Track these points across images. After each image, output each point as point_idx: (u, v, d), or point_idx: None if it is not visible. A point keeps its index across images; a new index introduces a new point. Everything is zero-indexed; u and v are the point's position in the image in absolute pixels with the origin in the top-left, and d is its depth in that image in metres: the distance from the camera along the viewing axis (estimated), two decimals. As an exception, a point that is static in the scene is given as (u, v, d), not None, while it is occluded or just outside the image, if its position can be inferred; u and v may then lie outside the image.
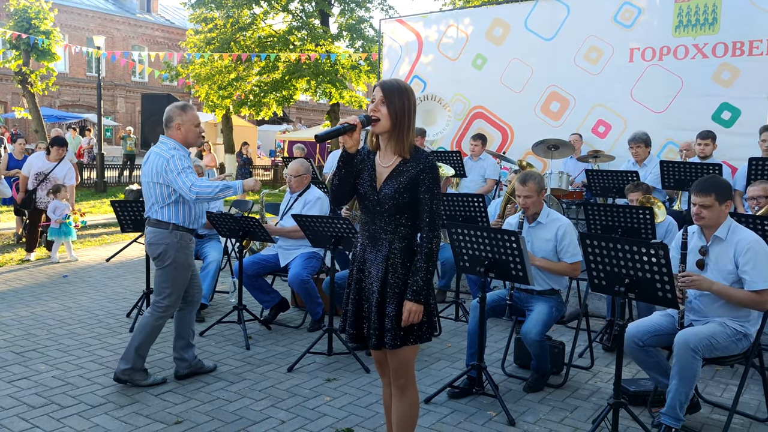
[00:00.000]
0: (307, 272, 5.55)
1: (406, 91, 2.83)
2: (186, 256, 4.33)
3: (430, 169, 2.81)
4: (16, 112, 19.72)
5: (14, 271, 7.90)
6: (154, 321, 4.32)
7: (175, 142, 4.26)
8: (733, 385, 4.50)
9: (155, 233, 4.26)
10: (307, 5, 23.40)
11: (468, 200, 5.73)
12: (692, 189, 3.79)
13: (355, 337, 2.99)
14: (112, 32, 36.63)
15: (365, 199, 2.92)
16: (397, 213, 2.84)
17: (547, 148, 8.01)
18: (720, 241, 3.75)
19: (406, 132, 2.82)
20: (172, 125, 4.25)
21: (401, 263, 2.84)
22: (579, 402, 4.27)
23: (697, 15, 7.99)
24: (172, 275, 4.28)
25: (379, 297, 2.86)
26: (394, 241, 2.86)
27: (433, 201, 2.81)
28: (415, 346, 2.90)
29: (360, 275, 2.97)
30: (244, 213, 6.95)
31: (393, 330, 2.81)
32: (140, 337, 4.30)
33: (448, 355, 5.16)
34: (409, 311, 2.78)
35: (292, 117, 40.58)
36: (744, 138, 7.41)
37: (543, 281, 4.49)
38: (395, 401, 3.00)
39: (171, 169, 4.11)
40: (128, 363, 4.29)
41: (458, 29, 10.10)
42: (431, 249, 2.80)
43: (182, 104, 4.34)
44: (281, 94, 22.45)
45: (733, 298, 3.62)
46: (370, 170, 2.92)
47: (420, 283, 2.78)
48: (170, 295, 4.31)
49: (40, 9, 17.94)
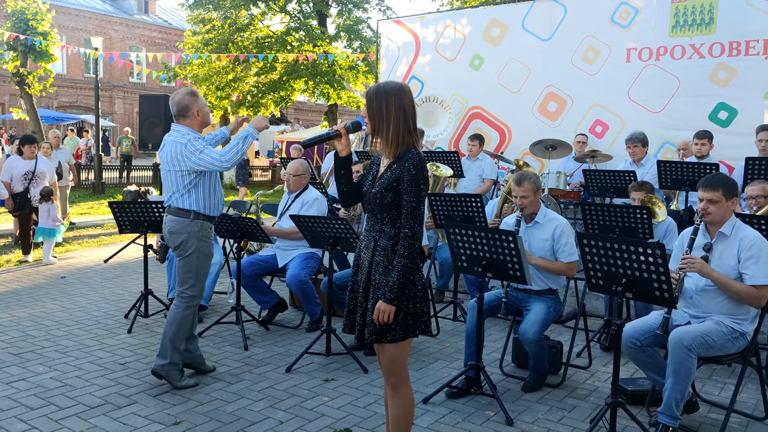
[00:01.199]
0: (305, 273, 5.55)
1: (386, 94, 2.83)
2: (207, 245, 4.35)
3: (410, 170, 2.81)
4: (14, 113, 19.70)
5: (12, 272, 7.90)
6: (182, 312, 4.33)
7: (189, 128, 4.26)
8: (731, 384, 4.51)
9: (176, 222, 4.25)
10: (305, 6, 23.43)
11: (466, 200, 5.74)
12: (699, 184, 3.80)
13: (349, 327, 3.07)
14: (110, 33, 36.64)
15: (364, 197, 3.01)
16: (383, 212, 2.89)
17: (545, 148, 8.02)
18: (725, 237, 3.76)
19: (386, 134, 2.84)
20: (191, 113, 4.27)
21: (383, 262, 2.88)
22: (577, 401, 4.28)
23: (693, 15, 8.00)
24: (195, 265, 4.29)
25: (363, 293, 2.94)
26: (380, 239, 2.91)
27: (413, 202, 2.81)
28: (405, 345, 2.92)
29: (356, 269, 3.06)
30: (242, 214, 6.96)
31: (371, 325, 2.88)
32: (172, 330, 4.30)
33: (446, 355, 5.17)
34: (378, 310, 2.82)
35: (290, 118, 40.56)
36: (741, 138, 7.41)
37: (540, 281, 4.50)
38: (390, 400, 3.03)
39: (192, 151, 4.13)
40: (166, 358, 4.29)
41: (456, 30, 10.11)
42: (410, 249, 2.82)
43: (190, 90, 4.35)
44: (279, 94, 22.49)
45: (731, 289, 3.64)
46: (374, 172, 3.00)
47: (392, 283, 2.80)
48: (194, 285, 4.33)
49: (37, 10, 17.93)
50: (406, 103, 2.84)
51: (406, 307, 2.85)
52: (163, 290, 6.45)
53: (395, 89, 2.85)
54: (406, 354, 2.96)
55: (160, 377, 4.32)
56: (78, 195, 16.56)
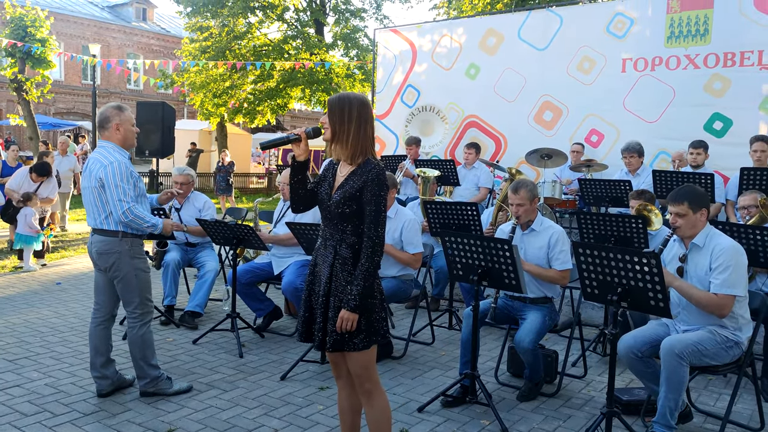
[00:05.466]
0: (300, 280, 5.54)
1: (349, 102, 2.88)
2: (143, 260, 4.22)
3: (373, 181, 2.85)
4: (11, 119, 19.69)
5: (7, 277, 7.87)
6: (139, 330, 4.24)
7: (114, 144, 4.11)
8: (726, 395, 4.51)
9: (104, 242, 4.08)
10: (302, 15, 23.52)
11: (461, 209, 5.75)
12: (667, 199, 3.86)
13: (305, 336, 3.07)
14: (108, 40, 36.65)
15: (321, 204, 3.03)
16: (344, 221, 2.92)
17: (541, 157, 8.04)
18: (698, 248, 3.80)
19: (346, 137, 2.88)
20: (110, 126, 4.08)
21: (343, 271, 2.90)
22: (572, 411, 4.27)
23: (689, 26, 8.06)
24: (135, 284, 4.17)
25: (324, 300, 2.94)
26: (340, 248, 2.93)
27: (375, 213, 2.85)
28: (372, 351, 2.95)
29: (312, 278, 3.08)
30: (238, 221, 6.95)
31: (332, 334, 2.89)
32: (138, 350, 4.24)
33: (441, 364, 5.16)
34: (341, 318, 2.84)
35: (287, 125, 40.57)
36: (736, 148, 7.45)
37: (536, 288, 4.50)
38: (366, 409, 3.05)
39: (111, 176, 3.96)
40: (146, 377, 4.25)
41: (452, 39, 10.16)
42: (371, 260, 2.85)
43: (118, 105, 4.20)
44: (276, 102, 22.53)
45: (693, 298, 3.68)
46: (331, 178, 3.02)
47: (355, 292, 2.83)
48: (141, 303, 4.22)
49: (36, 17, 17.96)
50: (368, 113, 2.92)
51: (369, 314, 2.89)
52: (159, 297, 6.42)
53: (358, 98, 2.93)
54: (374, 359, 3.00)
55: (151, 395, 4.26)
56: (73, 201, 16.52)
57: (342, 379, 3.14)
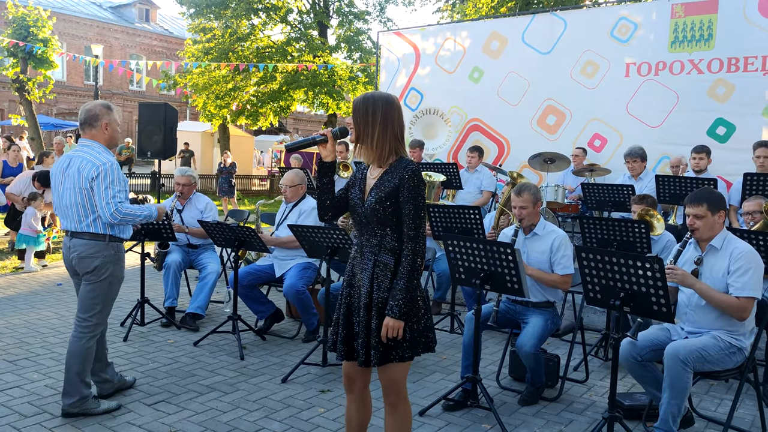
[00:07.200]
0: (302, 283, 5.54)
1: (373, 102, 2.79)
2: (121, 268, 4.09)
3: (410, 179, 2.75)
4: (13, 119, 19.71)
5: (8, 278, 7.87)
6: (86, 343, 3.95)
7: (100, 144, 3.98)
8: (728, 400, 4.49)
9: (89, 246, 3.92)
10: (306, 17, 23.55)
11: (464, 212, 5.74)
12: (685, 201, 3.85)
13: (346, 355, 2.92)
14: (111, 41, 36.75)
15: (354, 211, 2.92)
16: (382, 226, 2.81)
17: (544, 161, 8.04)
18: (715, 250, 3.78)
19: (372, 139, 2.79)
20: (99, 124, 3.96)
21: (385, 278, 2.79)
22: (574, 415, 4.26)
23: (693, 31, 8.05)
24: (105, 290, 3.99)
25: (365, 313, 2.83)
26: (380, 254, 2.82)
27: (414, 212, 2.75)
28: (405, 365, 2.85)
29: (350, 290, 2.94)
30: (240, 223, 6.94)
31: (377, 346, 2.78)
32: (77, 364, 3.92)
33: (443, 368, 5.15)
34: (386, 326, 2.73)
35: (289, 127, 40.65)
36: (739, 153, 7.44)
37: (539, 293, 4.49)
38: (387, 417, 2.95)
39: (104, 176, 3.85)
40: (74, 396, 3.91)
41: (455, 42, 10.16)
42: (413, 263, 2.75)
43: (106, 103, 4.10)
44: (278, 104, 22.55)
45: (714, 300, 3.65)
46: (361, 183, 2.92)
47: (399, 298, 2.73)
48: (101, 312, 4.01)
49: (38, 17, 17.99)
50: (393, 111, 2.81)
51: (413, 322, 2.80)
52: (160, 299, 6.42)
53: (383, 97, 2.83)
54: (406, 372, 2.90)
55: (74, 416, 3.91)
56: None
57: (354, 393, 3.03)
